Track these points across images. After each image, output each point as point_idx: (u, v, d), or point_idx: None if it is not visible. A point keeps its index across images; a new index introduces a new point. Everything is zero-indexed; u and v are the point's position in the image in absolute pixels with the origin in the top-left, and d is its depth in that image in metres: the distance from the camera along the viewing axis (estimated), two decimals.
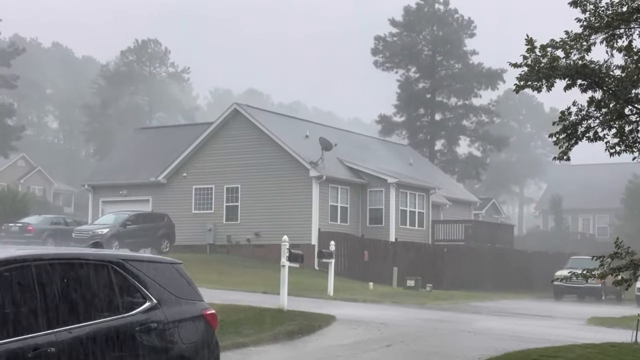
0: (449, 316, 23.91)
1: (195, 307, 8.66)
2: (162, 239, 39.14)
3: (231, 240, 41.61)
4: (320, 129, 47.17)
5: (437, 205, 48.58)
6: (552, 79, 10.16)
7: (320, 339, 16.61)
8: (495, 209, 65.37)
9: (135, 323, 7.69)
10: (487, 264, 43.62)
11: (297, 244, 32.02)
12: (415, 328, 19.06)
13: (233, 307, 19.20)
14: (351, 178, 42.87)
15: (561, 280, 37.18)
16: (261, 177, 41.61)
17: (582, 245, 56.00)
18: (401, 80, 73.14)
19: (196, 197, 43.54)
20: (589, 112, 10.53)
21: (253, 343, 15.39)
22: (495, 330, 20.29)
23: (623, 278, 10.64)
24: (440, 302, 30.79)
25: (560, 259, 46.65)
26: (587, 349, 16.28)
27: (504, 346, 15.64)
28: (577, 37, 10.32)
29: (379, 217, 43.01)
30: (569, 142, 10.64)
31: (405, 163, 51.19)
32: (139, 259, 8.46)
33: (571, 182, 73.67)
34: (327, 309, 20.91)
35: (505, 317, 26.16)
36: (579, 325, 25.16)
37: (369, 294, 30.90)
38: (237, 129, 43.14)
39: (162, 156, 45.22)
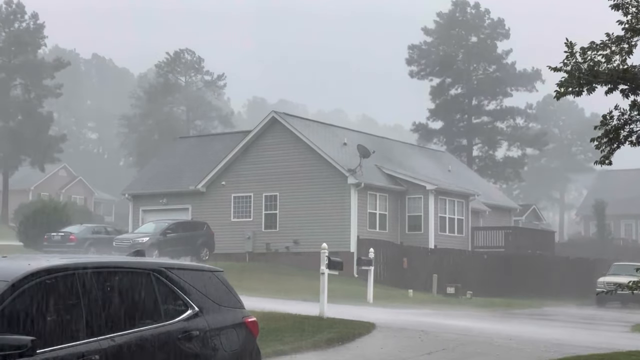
0: (490, 323, 23.70)
1: (236, 314, 8.67)
2: (201, 247, 39.36)
3: (270, 248, 41.69)
4: (358, 137, 47.15)
5: (477, 212, 48.24)
6: (594, 84, 10.04)
7: (360, 346, 16.56)
8: (536, 215, 64.75)
9: (178, 331, 7.72)
10: (528, 271, 43.20)
11: (336, 251, 31.99)
12: (456, 335, 18.92)
13: (273, 314, 19.22)
14: (390, 185, 42.75)
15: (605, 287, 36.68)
16: (299, 185, 41.66)
17: (624, 252, 55.21)
18: (436, 87, 72.99)
19: (235, 205, 43.71)
20: (631, 116, 10.39)
21: (293, 350, 15.39)
22: (536, 337, 20.06)
23: None
24: (481, 309, 30.55)
25: (603, 266, 46.01)
26: (632, 356, 16.02)
27: (546, 354, 15.46)
28: (618, 40, 10.19)
29: (418, 224, 42.82)
30: (611, 146, 10.51)
31: (444, 169, 50.95)
32: (181, 267, 8.50)
33: (613, 187, 72.73)
34: (366, 316, 20.84)
35: (547, 324, 25.86)
36: (623, 332, 24.79)
37: (409, 301, 30.78)
38: (275, 137, 43.26)
39: (201, 165, 45.50)
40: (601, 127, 10.49)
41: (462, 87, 73.02)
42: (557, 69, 10.16)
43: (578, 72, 9.99)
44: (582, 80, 9.98)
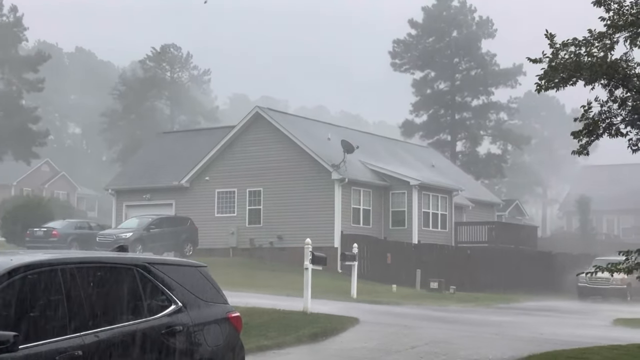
0: (473, 318, 23.82)
1: (220, 309, 8.68)
2: (185, 242, 39.33)
3: (254, 243, 41.68)
4: (342, 132, 47.19)
5: (460, 207, 48.40)
6: (575, 78, 10.10)
7: (343, 341, 16.60)
8: (519, 211, 65.04)
9: (161, 326, 7.72)
10: (511, 266, 43.40)
11: (320, 246, 32.01)
12: (440, 330, 19.00)
13: (257, 310, 19.23)
14: (373, 180, 42.83)
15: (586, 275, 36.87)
16: (283, 180, 41.67)
17: (607, 246, 55.53)
18: (420, 81, 73.18)
19: (219, 200, 43.66)
20: (610, 109, 10.47)
21: (277, 346, 15.41)
22: (520, 332, 20.18)
23: None
24: (464, 304, 30.69)
25: (585, 260, 46.29)
26: (613, 350, 16.16)
27: (529, 348, 15.56)
28: (600, 36, 10.26)
29: (401, 220, 42.94)
30: (589, 137, 10.59)
31: (428, 165, 51.08)
32: (164, 262, 8.49)
33: (595, 182, 73.15)
34: (350, 312, 20.90)
35: (530, 318, 26.01)
36: (604, 327, 24.98)
37: (393, 297, 30.86)
38: (259, 132, 43.24)
39: (184, 160, 45.41)
40: (582, 119, 10.56)
41: (445, 82, 73.22)
42: (538, 60, 10.21)
43: (561, 65, 10.05)
44: (564, 74, 10.04)
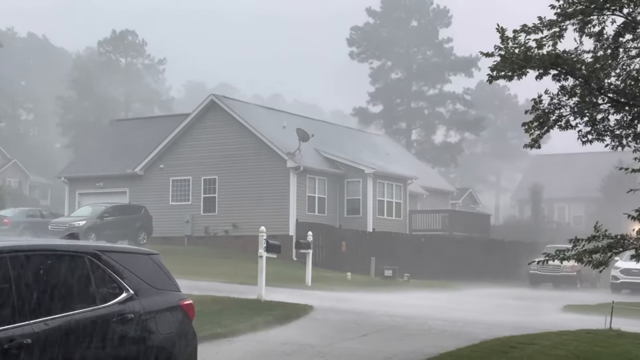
0: (426, 305, 24.05)
1: (172, 297, 8.66)
2: (139, 230, 39.08)
3: (209, 231, 41.56)
4: (298, 120, 47.18)
5: (415, 195, 48.76)
6: (525, 69, 10.23)
7: (297, 329, 16.66)
8: (472, 199, 65.69)
9: (112, 314, 7.68)
10: (464, 254, 43.86)
11: (275, 234, 32.02)
12: (392, 317, 19.16)
13: (211, 298, 19.22)
14: (328, 169, 42.93)
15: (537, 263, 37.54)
16: (238, 169, 41.58)
17: (558, 234, 56.35)
18: (377, 70, 73.40)
19: (173, 188, 43.44)
20: (560, 101, 10.63)
21: (231, 333, 15.42)
22: (471, 318, 20.44)
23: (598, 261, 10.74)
24: (417, 291, 30.96)
25: (537, 248, 46.98)
26: (562, 335, 16.47)
27: (481, 334, 15.76)
28: (550, 24, 10.40)
29: (356, 208, 43.14)
30: (541, 130, 10.74)
31: (383, 153, 51.32)
32: (115, 249, 8.45)
33: (546, 171, 74.08)
34: (304, 299, 20.97)
35: (482, 305, 26.33)
36: (554, 313, 25.42)
37: (347, 284, 31.02)
38: (214, 120, 43.07)
39: (139, 148, 45.03)
40: (532, 111, 10.71)
41: (402, 71, 73.53)
42: (489, 54, 10.33)
43: (511, 56, 10.17)
44: (514, 65, 10.17)
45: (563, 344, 15.07)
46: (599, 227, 10.48)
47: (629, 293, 37.58)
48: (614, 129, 11.04)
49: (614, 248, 10.49)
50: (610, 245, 10.50)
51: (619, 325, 18.31)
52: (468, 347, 13.91)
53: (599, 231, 10.43)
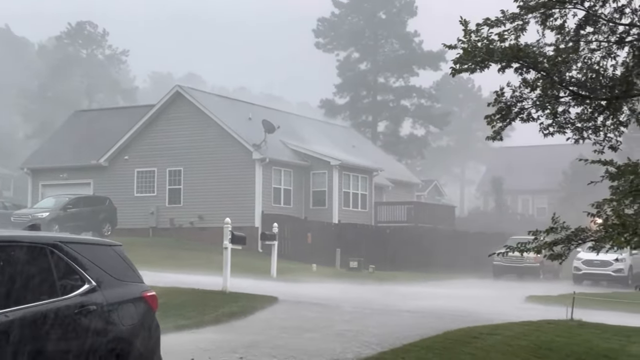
0: (390, 297, 24.19)
1: (135, 289, 8.65)
2: (103, 222, 38.81)
3: (174, 223, 41.40)
4: (264, 112, 47.09)
5: (380, 187, 48.94)
6: (488, 62, 10.31)
7: (262, 320, 16.68)
8: (437, 191, 66.08)
9: (74, 306, 7.65)
10: (429, 245, 44.10)
11: (241, 226, 31.98)
12: (357, 308, 19.25)
13: (176, 289, 19.17)
14: (294, 160, 42.94)
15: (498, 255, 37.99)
16: (204, 160, 41.43)
17: (522, 226, 56.90)
18: (343, 61, 73.38)
19: (138, 180, 43.18)
20: (522, 94, 10.73)
21: (195, 325, 15.40)
22: (435, 309, 20.59)
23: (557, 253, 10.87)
24: (383, 282, 31.12)
25: (501, 239, 47.38)
26: (524, 326, 16.67)
27: (444, 325, 15.88)
28: (513, 17, 10.49)
29: (322, 199, 43.21)
30: (503, 122, 10.84)
31: (348, 145, 51.41)
32: (77, 241, 8.41)
33: (510, 163, 74.73)
34: (269, 290, 20.98)
35: (445, 296, 26.53)
36: (517, 304, 25.70)
37: (312, 276, 31.11)
38: (180, 111, 42.85)
39: (103, 139, 44.66)
40: (495, 104, 10.81)
41: (368, 62, 73.59)
42: (452, 46, 10.39)
43: (474, 50, 10.24)
44: (477, 58, 10.24)
45: (525, 334, 15.25)
46: (557, 218, 10.61)
47: (590, 284, 38.08)
48: (574, 121, 11.17)
49: (572, 240, 10.62)
50: (568, 238, 10.63)
51: (580, 315, 18.58)
52: (431, 337, 14.01)
53: (556, 223, 10.56)
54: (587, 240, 10.64)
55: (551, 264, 43.02)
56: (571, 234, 10.62)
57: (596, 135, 11.37)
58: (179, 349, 12.24)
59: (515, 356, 12.97)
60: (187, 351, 12.26)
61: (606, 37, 11.21)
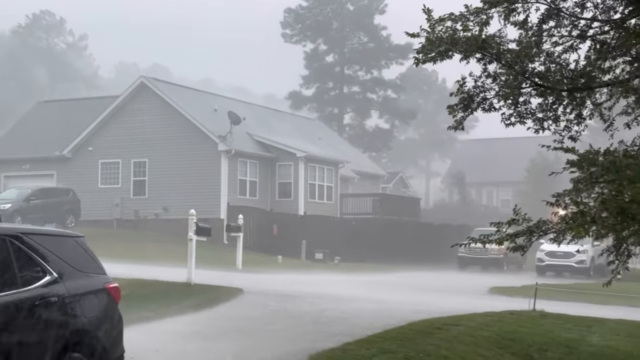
0: (355, 287, 24.28)
1: (97, 280, 8.59)
2: (67, 214, 38.45)
3: (139, 215, 41.16)
4: (230, 103, 46.93)
5: (346, 179, 49.03)
6: (451, 52, 10.37)
7: (226, 311, 16.66)
8: (403, 183, 66.33)
9: (34, 297, 7.57)
10: (395, 237, 44.31)
11: (206, 218, 31.86)
12: (321, 300, 19.29)
13: (140, 281, 19.08)
14: (260, 152, 42.87)
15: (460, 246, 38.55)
16: (169, 151, 41.21)
17: (486, 217, 57.34)
18: (310, 53, 73.28)
19: (102, 171, 42.86)
20: (484, 84, 10.81)
21: (159, 316, 15.35)
22: (400, 300, 20.70)
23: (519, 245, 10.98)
24: (348, 274, 31.21)
25: (465, 231, 47.73)
26: (487, 317, 16.84)
27: (408, 316, 15.98)
28: (477, 11, 10.55)
29: (288, 191, 43.21)
30: (464, 112, 10.91)
31: (314, 137, 51.43)
32: (38, 232, 8.33)
33: (475, 156, 75.26)
34: (234, 282, 20.97)
35: (410, 288, 26.69)
36: (481, 295, 25.93)
37: (278, 267, 31.14)
38: (144, 102, 42.56)
39: (67, 130, 44.23)
40: (457, 94, 10.87)
41: (335, 55, 73.56)
42: (415, 34, 10.44)
43: (437, 40, 10.30)
44: (440, 48, 10.30)
45: (488, 325, 15.40)
46: (518, 210, 10.72)
47: (553, 275, 38.54)
48: (535, 111, 11.29)
49: (534, 232, 10.74)
50: (530, 229, 10.74)
51: (543, 306, 18.80)
52: (396, 328, 14.10)
53: (518, 215, 10.67)
54: (548, 232, 10.76)
55: (515, 255, 43.31)
56: (532, 226, 10.73)
57: (556, 125, 11.49)
58: (143, 340, 12.19)
59: (478, 347, 13.09)
60: (151, 343, 12.22)
61: (568, 32, 11.33)
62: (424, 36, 10.37)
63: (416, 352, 11.72)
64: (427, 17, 10.33)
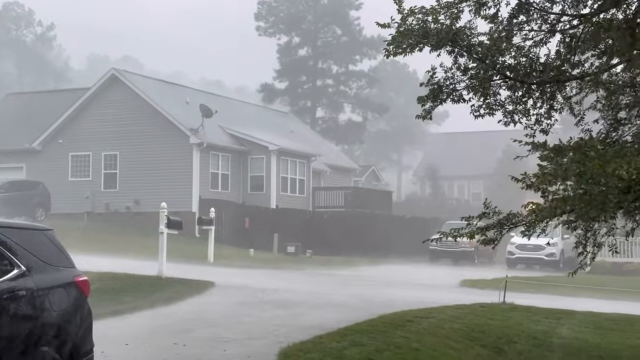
0: (327, 280, 24.32)
1: (66, 274, 8.53)
2: (37, 207, 38.11)
3: (110, 208, 40.92)
4: (202, 96, 46.74)
5: (318, 172, 49.04)
6: (422, 44, 10.39)
7: (198, 305, 16.61)
8: (375, 176, 66.47)
9: (2, 291, 7.50)
10: (367, 230, 44.41)
11: (178, 211, 31.69)
12: (292, 293, 19.31)
13: (111, 274, 18.98)
14: (232, 145, 42.76)
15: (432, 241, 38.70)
16: (140, 144, 40.98)
17: (458, 211, 57.61)
18: (284, 46, 73.13)
19: (73, 164, 42.53)
20: (455, 76, 10.85)
21: (130, 310, 15.27)
22: (371, 293, 20.78)
23: (490, 238, 11.06)
24: (320, 267, 31.27)
25: (437, 224, 48.00)
26: (458, 309, 16.96)
27: (379, 309, 16.04)
28: (447, 5, 10.58)
29: (260, 184, 43.15)
30: (434, 102, 10.95)
31: (287, 130, 51.38)
32: (7, 225, 8.25)
33: (447, 149, 75.58)
34: (206, 276, 20.92)
35: (381, 281, 26.79)
36: (452, 288, 26.10)
37: (249, 260, 31.11)
38: (115, 94, 42.27)
39: (37, 122, 43.84)
40: (427, 84, 10.91)
41: (309, 48, 73.45)
42: (386, 25, 10.45)
43: (408, 31, 10.31)
44: (411, 40, 10.32)
45: (458, 318, 15.51)
46: (489, 204, 10.79)
47: (523, 268, 38.84)
48: (505, 104, 11.35)
49: (504, 225, 10.81)
50: (500, 222, 10.82)
51: (513, 299, 18.96)
52: (367, 321, 14.15)
53: (488, 208, 10.73)
54: (518, 224, 10.84)
55: (485, 248, 43.66)
56: (503, 219, 10.81)
57: (526, 118, 11.57)
58: (114, 334, 12.14)
59: (448, 339, 13.18)
60: (122, 336, 12.17)
61: (539, 26, 11.39)
62: (394, 28, 10.38)
63: (387, 345, 11.77)
64: (398, 8, 10.34)
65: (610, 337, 15.03)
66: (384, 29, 10.71)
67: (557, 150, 10.22)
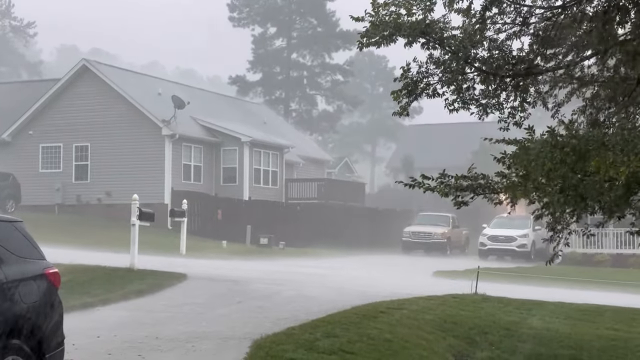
0: (300, 273, 24.32)
1: (36, 266, 8.44)
2: (7, 199, 37.78)
3: (81, 200, 40.63)
4: (174, 87, 46.49)
5: (291, 164, 49.01)
6: (395, 36, 10.39)
7: (170, 297, 16.54)
8: (348, 168, 66.54)
9: None
10: (340, 222, 44.48)
11: (150, 203, 31.58)
12: (265, 285, 19.29)
13: (82, 267, 18.83)
14: (205, 137, 42.59)
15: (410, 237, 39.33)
16: (112, 136, 40.70)
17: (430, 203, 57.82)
18: (259, 37, 72.88)
19: (43, 155, 42.16)
20: (428, 69, 10.87)
21: (101, 302, 15.17)
22: (344, 285, 20.80)
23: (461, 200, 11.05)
24: (292, 259, 31.26)
25: (410, 216, 48.26)
26: (430, 300, 17.03)
27: (352, 300, 16.05)
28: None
29: (232, 176, 43.05)
30: (409, 98, 10.96)
31: (260, 122, 51.26)
32: None
33: (420, 141, 75.74)
34: (178, 268, 20.83)
35: (354, 272, 26.83)
36: (425, 279, 26.20)
37: (222, 252, 31.04)
38: (86, 85, 41.93)
39: (6, 113, 43.37)
40: (401, 79, 10.91)
41: (284, 39, 73.25)
42: (360, 18, 10.44)
43: (381, 23, 10.31)
44: (385, 32, 10.32)
45: (431, 309, 15.57)
46: (472, 168, 10.92)
47: (495, 259, 39.13)
48: (479, 97, 11.39)
49: (477, 189, 10.83)
50: (473, 186, 10.82)
51: (484, 289, 19.06)
52: (340, 312, 14.16)
53: (470, 172, 10.82)
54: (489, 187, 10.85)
55: (458, 239, 44.01)
56: (476, 183, 10.84)
57: (500, 111, 11.62)
58: (85, 326, 12.06)
59: (420, 330, 13.22)
60: (94, 329, 12.09)
61: (512, 19, 11.43)
62: (368, 20, 10.38)
63: (360, 336, 11.79)
64: (372, 1, 10.33)
65: (580, 328, 15.17)
66: (358, 22, 10.71)
67: (523, 147, 10.27)
